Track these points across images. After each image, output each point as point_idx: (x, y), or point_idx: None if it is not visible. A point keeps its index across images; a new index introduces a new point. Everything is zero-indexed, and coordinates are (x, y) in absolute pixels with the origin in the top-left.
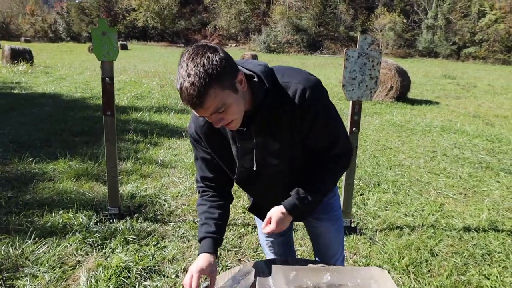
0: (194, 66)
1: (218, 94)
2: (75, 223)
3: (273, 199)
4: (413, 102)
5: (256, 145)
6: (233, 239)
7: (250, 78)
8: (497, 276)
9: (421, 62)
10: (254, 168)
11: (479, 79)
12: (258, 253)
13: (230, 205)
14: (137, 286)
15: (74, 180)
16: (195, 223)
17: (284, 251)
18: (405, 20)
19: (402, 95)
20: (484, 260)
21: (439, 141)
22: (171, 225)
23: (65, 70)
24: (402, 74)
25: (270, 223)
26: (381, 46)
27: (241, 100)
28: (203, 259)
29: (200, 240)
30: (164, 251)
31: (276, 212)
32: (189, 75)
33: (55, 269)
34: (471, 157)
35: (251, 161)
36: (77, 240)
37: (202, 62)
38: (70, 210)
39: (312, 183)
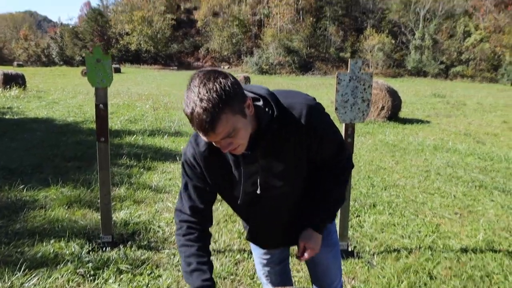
0: (207, 92)
1: (230, 119)
2: (67, 252)
3: (276, 223)
4: (404, 121)
5: (261, 168)
6: (229, 266)
7: (254, 101)
8: None
9: (410, 81)
10: (258, 192)
11: (468, 98)
12: (255, 281)
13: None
14: None
15: (66, 207)
16: None
17: (282, 280)
18: (393, 41)
19: (394, 115)
20: (483, 282)
21: (432, 160)
22: (165, 253)
23: (58, 94)
24: (393, 94)
25: (303, 249)
26: (371, 66)
27: (249, 125)
28: None
29: None
30: (159, 281)
31: (306, 236)
32: (201, 100)
33: None
34: (464, 176)
35: (253, 185)
36: (69, 270)
37: (214, 88)
38: (62, 239)
39: (329, 194)
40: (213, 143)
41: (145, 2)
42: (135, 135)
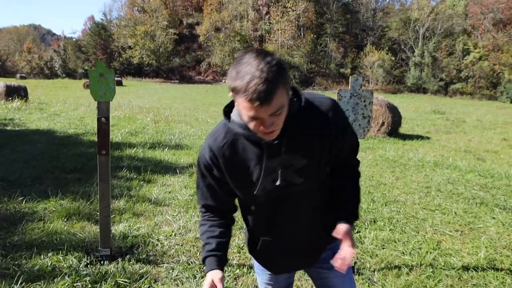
0: (266, 64)
1: (283, 94)
2: (65, 265)
3: (291, 233)
4: (404, 137)
5: (283, 163)
6: (228, 281)
7: None
8: None
9: (410, 97)
10: (278, 183)
11: (468, 115)
12: None
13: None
14: None
15: (65, 219)
16: (189, 264)
17: None
18: (393, 58)
19: (394, 131)
20: None
21: (433, 177)
22: (164, 267)
23: (60, 106)
24: (393, 110)
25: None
26: (371, 82)
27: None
28: (214, 273)
29: (204, 260)
30: None
31: (345, 231)
32: (261, 71)
33: None
34: (465, 192)
35: (273, 181)
36: (66, 284)
37: (273, 62)
38: (60, 251)
39: (351, 188)
40: (250, 126)
41: (148, 17)
42: (135, 148)
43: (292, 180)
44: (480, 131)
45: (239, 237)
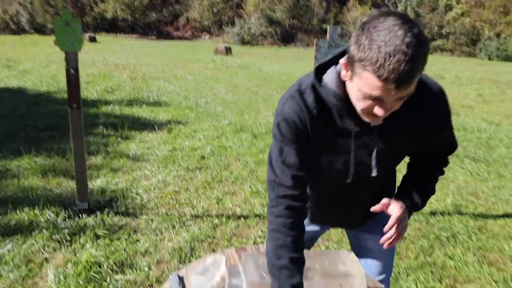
0: (414, 37)
1: (416, 80)
2: (42, 220)
3: (346, 205)
4: None
5: (364, 144)
6: (207, 229)
7: None
8: (460, 256)
9: None
10: (373, 166)
11: (447, 71)
12: (232, 243)
13: None
14: (108, 280)
15: (41, 176)
16: (168, 215)
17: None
18: None
19: None
20: (449, 242)
21: None
22: (143, 219)
23: (30, 64)
24: None
25: (393, 227)
26: None
27: None
28: None
29: None
30: (137, 245)
31: (402, 214)
32: (408, 45)
33: (20, 268)
34: None
35: (345, 162)
36: (44, 237)
37: (421, 37)
38: (36, 207)
39: (430, 180)
40: (359, 104)
41: None
42: (111, 105)
43: (364, 162)
44: (457, 87)
45: (217, 189)
